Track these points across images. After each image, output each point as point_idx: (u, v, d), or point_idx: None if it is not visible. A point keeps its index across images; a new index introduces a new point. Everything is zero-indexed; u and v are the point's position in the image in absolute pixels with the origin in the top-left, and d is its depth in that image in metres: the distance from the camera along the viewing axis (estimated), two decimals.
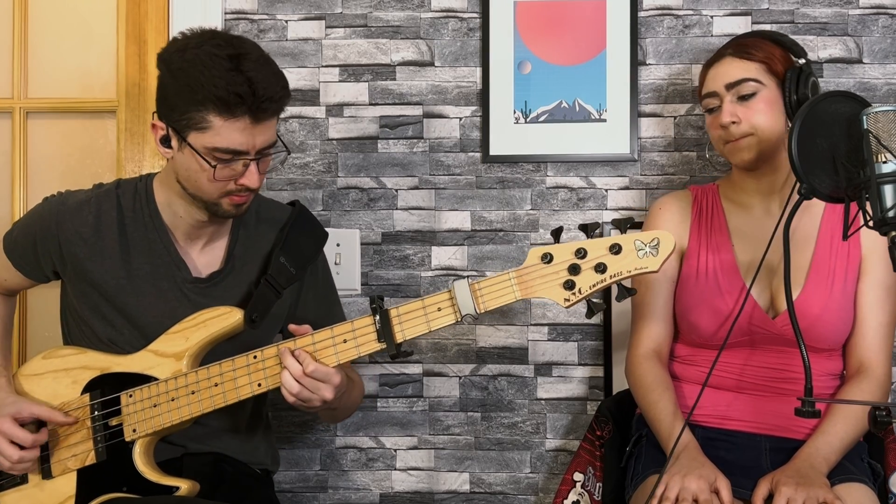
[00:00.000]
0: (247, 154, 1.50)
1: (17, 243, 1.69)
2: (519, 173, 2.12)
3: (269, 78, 1.48)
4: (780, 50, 1.68)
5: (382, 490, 2.14)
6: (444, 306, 1.45)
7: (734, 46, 1.70)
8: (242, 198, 1.56)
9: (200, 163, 1.49)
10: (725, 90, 1.67)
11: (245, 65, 1.45)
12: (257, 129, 1.48)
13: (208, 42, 1.47)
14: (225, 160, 1.49)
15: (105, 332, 1.63)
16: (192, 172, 1.52)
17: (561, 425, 2.11)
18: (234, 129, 1.46)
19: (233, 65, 1.44)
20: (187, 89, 1.45)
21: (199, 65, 1.44)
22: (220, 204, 1.56)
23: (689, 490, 1.48)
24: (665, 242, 1.36)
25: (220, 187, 1.52)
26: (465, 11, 2.12)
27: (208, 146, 1.47)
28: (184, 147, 1.50)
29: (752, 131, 1.65)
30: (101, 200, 1.65)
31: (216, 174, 1.49)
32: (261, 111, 1.47)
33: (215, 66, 1.43)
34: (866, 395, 1.63)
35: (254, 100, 1.45)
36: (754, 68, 1.66)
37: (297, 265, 1.68)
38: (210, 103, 1.44)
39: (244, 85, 1.43)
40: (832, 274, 1.66)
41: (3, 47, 2.24)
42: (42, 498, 1.59)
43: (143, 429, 1.54)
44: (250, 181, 1.52)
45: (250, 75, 1.45)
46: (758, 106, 1.65)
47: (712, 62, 1.72)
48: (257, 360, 1.52)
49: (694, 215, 1.78)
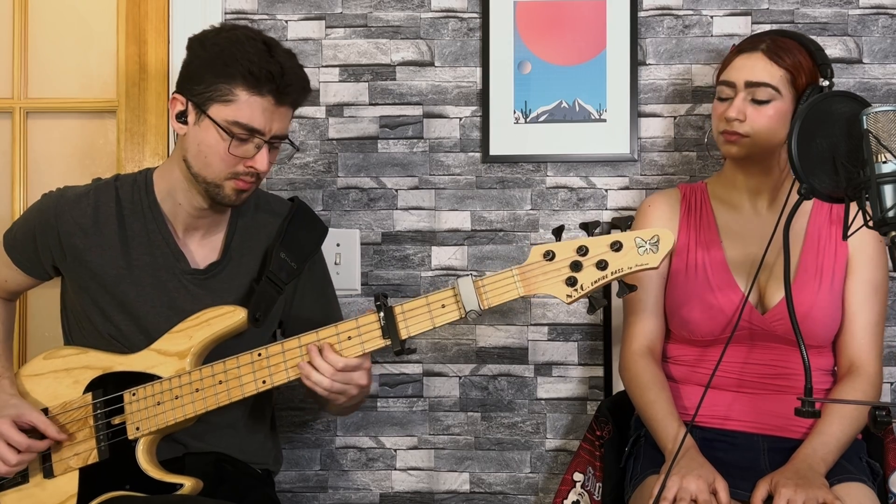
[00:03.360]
0: (262, 135, 1.54)
1: (16, 240, 1.70)
2: (519, 173, 2.12)
3: (296, 69, 1.58)
4: (810, 63, 1.65)
5: (382, 490, 2.14)
6: (448, 303, 1.47)
7: (769, 43, 1.66)
8: (247, 183, 1.58)
9: (219, 134, 1.53)
10: (744, 86, 1.65)
11: (277, 51, 1.55)
12: (276, 113, 1.54)
13: (243, 28, 1.60)
14: (241, 137, 1.53)
15: (105, 327, 1.64)
16: (204, 147, 1.55)
17: (561, 425, 2.11)
18: (257, 107, 1.52)
19: (266, 48, 1.54)
20: (220, 61, 1.52)
21: (235, 42, 1.53)
22: (223, 187, 1.57)
23: (688, 490, 1.49)
24: (665, 239, 1.38)
25: (229, 165, 1.55)
26: (465, 11, 2.12)
27: (229, 119, 1.52)
28: (201, 120, 1.54)
29: (751, 134, 1.65)
30: (100, 192, 1.67)
31: (231, 147, 1.53)
32: (285, 94, 1.54)
33: (251, 45, 1.53)
34: (859, 393, 1.64)
35: (282, 80, 1.53)
36: (779, 75, 1.64)
37: (297, 260, 1.69)
38: (240, 77, 1.51)
39: (276, 66, 1.52)
40: (820, 272, 1.67)
41: (3, 47, 2.24)
42: (43, 497, 1.59)
43: (147, 427, 1.54)
44: (260, 164, 1.55)
45: (281, 60, 1.54)
46: (767, 113, 1.64)
47: (743, 50, 1.69)
48: (261, 357, 1.53)
49: (683, 213, 1.79)
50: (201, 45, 1.56)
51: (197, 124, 1.55)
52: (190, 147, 1.57)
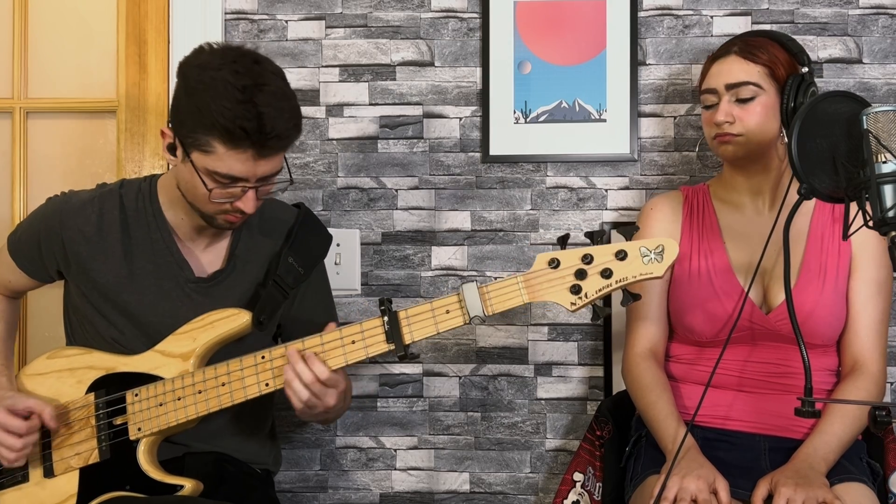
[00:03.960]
0: (246, 181, 1.50)
1: (21, 244, 1.70)
2: (519, 173, 2.12)
3: (281, 114, 1.45)
4: (785, 55, 1.68)
5: (382, 490, 2.14)
6: (453, 309, 1.47)
7: (740, 45, 1.69)
8: (237, 218, 1.56)
9: (199, 182, 1.49)
10: (725, 90, 1.67)
11: (259, 97, 1.43)
12: (260, 162, 1.48)
13: (228, 66, 1.44)
14: (223, 184, 1.49)
15: (108, 331, 1.64)
16: (191, 186, 1.53)
17: (561, 425, 2.11)
18: (236, 159, 1.46)
19: (245, 96, 1.42)
20: (196, 111, 1.44)
21: (212, 90, 1.42)
22: (216, 218, 1.57)
23: (688, 490, 1.49)
24: (669, 249, 1.39)
25: (216, 205, 1.53)
26: (465, 11, 2.12)
27: (209, 169, 1.48)
28: (186, 162, 1.51)
29: (743, 132, 1.66)
30: (105, 200, 1.66)
31: (212, 196, 1.50)
32: (266, 147, 1.46)
33: (227, 95, 1.41)
34: (862, 393, 1.64)
35: (259, 136, 1.43)
36: (757, 72, 1.66)
37: (305, 265, 1.69)
38: (216, 130, 1.43)
39: (253, 120, 1.42)
40: (823, 271, 1.67)
41: (3, 47, 2.24)
42: (43, 496, 1.59)
43: (148, 427, 1.54)
44: (246, 206, 1.52)
45: (261, 110, 1.42)
46: (755, 109, 1.65)
47: (717, 57, 1.72)
48: (265, 360, 1.53)
49: (685, 215, 1.79)
50: (185, 81, 1.48)
51: (184, 163, 1.52)
52: (180, 181, 1.57)
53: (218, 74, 1.43)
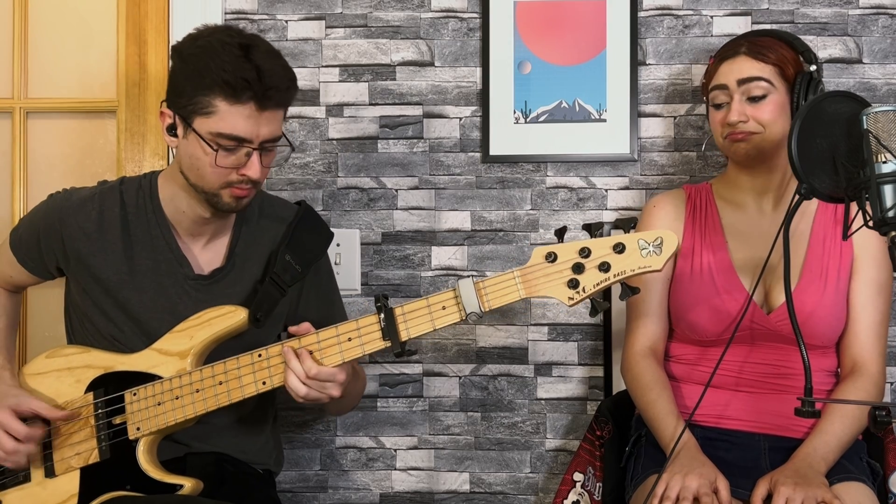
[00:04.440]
0: (250, 142, 1.51)
1: (22, 240, 1.70)
2: (519, 173, 2.12)
3: (276, 69, 1.51)
4: (792, 53, 1.67)
5: (382, 490, 2.14)
6: (449, 305, 1.46)
7: (748, 45, 1.68)
8: (244, 191, 1.56)
9: (204, 147, 1.50)
10: (737, 85, 1.66)
11: (254, 54, 1.49)
12: (262, 117, 1.50)
13: (221, 32, 1.53)
14: (228, 147, 1.50)
15: (107, 328, 1.64)
16: (194, 160, 1.53)
17: (561, 425, 2.11)
18: (238, 115, 1.48)
19: (242, 52, 1.48)
20: (196, 73, 1.48)
21: (209, 50, 1.48)
22: (221, 196, 1.56)
23: (690, 489, 1.49)
24: (668, 242, 1.37)
25: (221, 175, 1.53)
26: (465, 11, 2.12)
27: (213, 131, 1.49)
28: (188, 133, 1.52)
29: (760, 129, 1.65)
30: (105, 196, 1.66)
31: (218, 160, 1.50)
32: (266, 98, 1.49)
33: (225, 52, 1.47)
34: (861, 393, 1.64)
35: (260, 86, 1.47)
36: (768, 70, 1.65)
37: (302, 263, 1.69)
38: (217, 87, 1.47)
39: (252, 71, 1.47)
40: (825, 272, 1.67)
41: (3, 47, 2.24)
42: (44, 496, 1.59)
43: (147, 427, 1.54)
44: (252, 172, 1.53)
45: (258, 63, 1.48)
46: (767, 107, 1.65)
47: (725, 57, 1.71)
48: (262, 358, 1.52)
49: (688, 214, 1.78)
50: (180, 55, 1.53)
51: (185, 137, 1.53)
52: (183, 159, 1.57)
53: (212, 38, 1.51)
